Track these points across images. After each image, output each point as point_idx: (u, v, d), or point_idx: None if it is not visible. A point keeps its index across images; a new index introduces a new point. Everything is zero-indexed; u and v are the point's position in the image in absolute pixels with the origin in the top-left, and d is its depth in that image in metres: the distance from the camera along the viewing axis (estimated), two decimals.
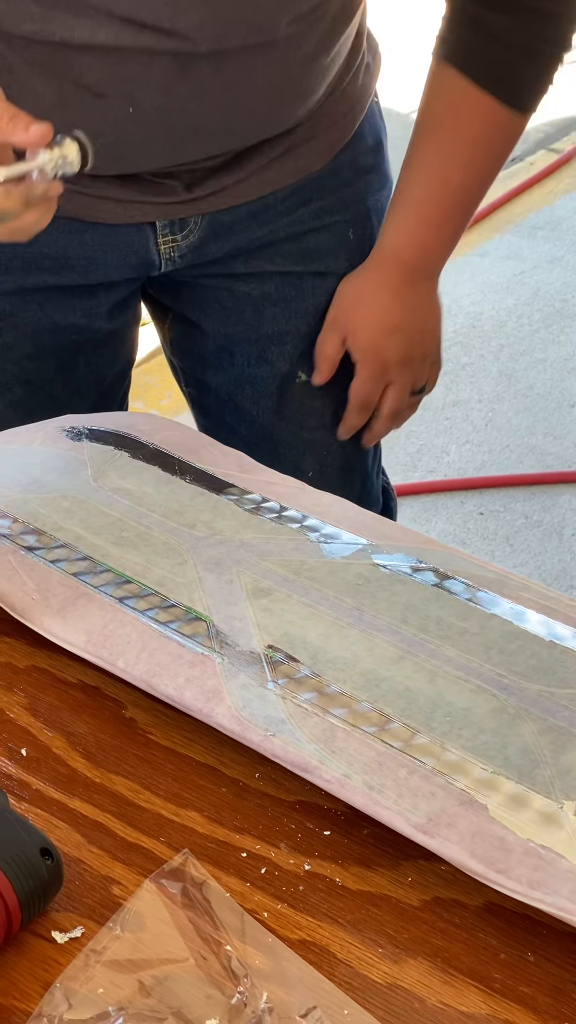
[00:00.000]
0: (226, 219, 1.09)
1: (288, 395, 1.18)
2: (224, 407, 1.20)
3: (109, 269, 1.09)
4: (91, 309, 1.11)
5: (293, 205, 1.11)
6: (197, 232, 1.09)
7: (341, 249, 1.15)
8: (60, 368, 1.13)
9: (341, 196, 1.13)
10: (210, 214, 1.08)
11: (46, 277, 1.07)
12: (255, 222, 1.10)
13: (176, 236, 1.08)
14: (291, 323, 1.15)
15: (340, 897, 0.68)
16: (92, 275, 1.08)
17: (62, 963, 0.64)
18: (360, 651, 0.76)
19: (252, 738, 0.73)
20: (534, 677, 0.74)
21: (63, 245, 1.06)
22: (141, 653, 0.77)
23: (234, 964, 0.63)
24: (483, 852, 0.66)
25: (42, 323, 1.10)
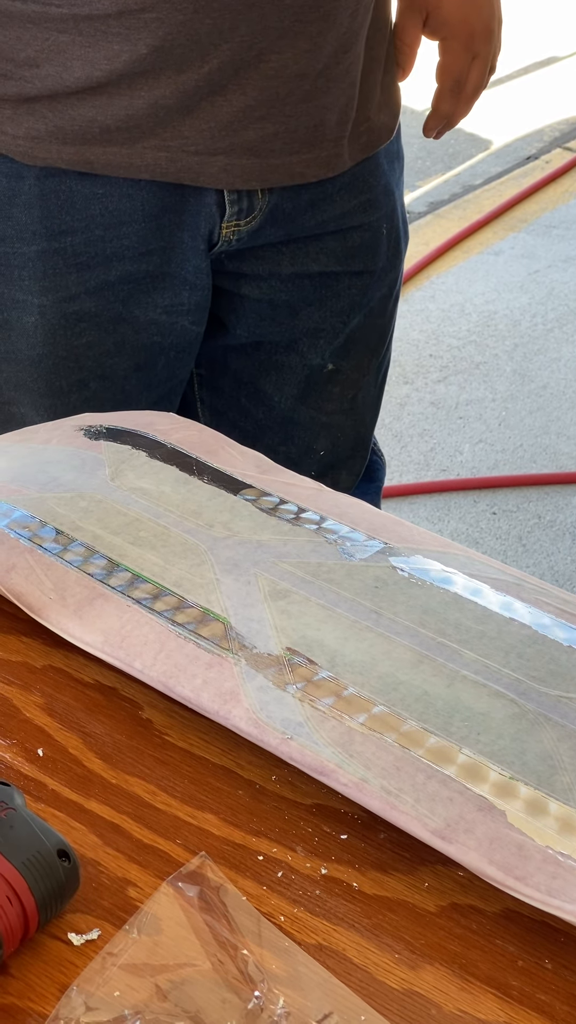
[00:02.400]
0: (288, 207, 1.10)
1: (313, 382, 1.18)
2: (242, 389, 1.21)
3: (187, 251, 1.09)
4: (172, 307, 1.11)
5: (345, 196, 1.12)
6: (259, 218, 1.10)
7: (378, 246, 1.16)
8: (138, 367, 1.13)
9: (383, 188, 1.15)
10: (274, 199, 1.09)
11: (127, 266, 1.08)
12: (312, 211, 1.11)
13: (240, 222, 1.09)
14: (326, 322, 1.16)
15: (357, 902, 0.68)
16: (174, 258, 1.09)
17: (79, 966, 0.64)
18: (378, 654, 0.76)
19: (269, 741, 0.73)
20: (552, 682, 0.74)
21: (142, 233, 1.07)
22: (158, 654, 0.77)
23: (251, 968, 0.63)
24: (501, 858, 0.66)
25: (124, 320, 1.10)
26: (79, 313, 1.09)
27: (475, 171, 3.40)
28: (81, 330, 1.10)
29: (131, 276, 1.09)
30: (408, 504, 2.27)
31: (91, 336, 1.10)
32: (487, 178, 3.36)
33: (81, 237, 1.06)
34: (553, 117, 3.64)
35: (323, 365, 1.18)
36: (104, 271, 1.08)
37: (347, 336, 1.17)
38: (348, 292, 1.16)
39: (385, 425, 2.46)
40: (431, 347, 2.65)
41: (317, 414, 1.20)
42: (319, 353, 1.17)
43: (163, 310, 1.11)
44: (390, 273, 1.21)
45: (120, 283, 1.09)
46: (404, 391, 2.55)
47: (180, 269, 1.10)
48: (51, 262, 1.07)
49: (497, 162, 3.44)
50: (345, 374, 1.19)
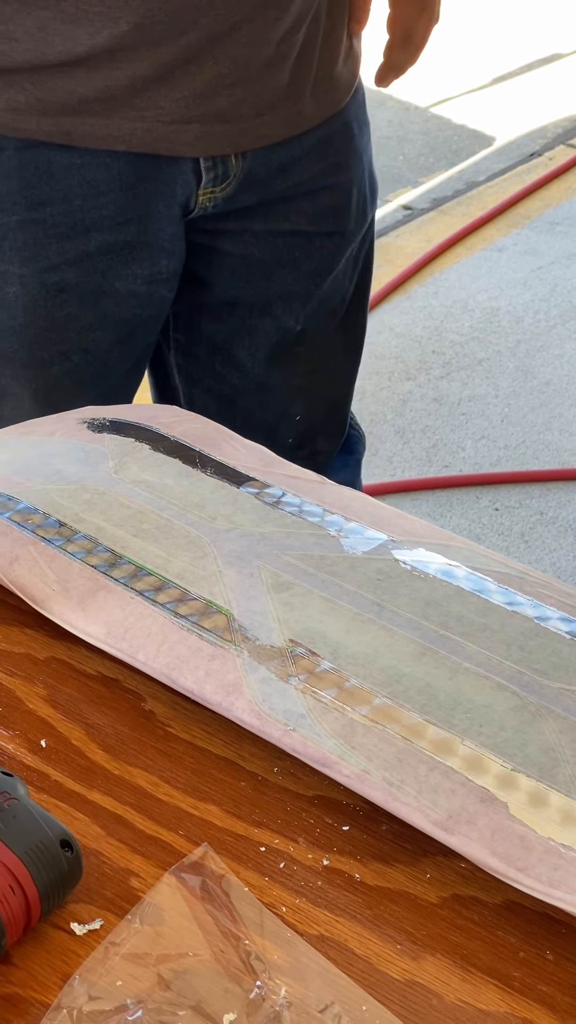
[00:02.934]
0: (260, 171, 1.13)
1: (284, 344, 1.22)
2: (216, 355, 1.23)
3: (162, 220, 1.12)
4: (151, 276, 1.13)
5: (314, 159, 1.16)
6: (234, 184, 1.12)
7: (348, 208, 1.21)
8: (119, 339, 1.15)
9: (352, 150, 1.20)
10: (247, 164, 1.11)
11: (105, 236, 1.10)
12: (283, 175, 1.15)
13: (215, 188, 1.12)
14: (299, 284, 1.20)
15: (358, 893, 0.68)
16: (150, 228, 1.11)
17: (81, 955, 0.64)
18: (380, 646, 0.76)
19: (271, 732, 0.73)
20: (555, 675, 0.74)
21: (119, 203, 1.09)
22: (161, 646, 0.77)
23: (253, 959, 0.63)
24: (503, 850, 0.66)
25: (105, 292, 1.12)
26: (60, 284, 1.11)
27: (478, 168, 3.39)
28: (62, 301, 1.12)
29: (110, 247, 1.10)
30: (410, 500, 2.27)
31: (72, 308, 1.12)
32: (490, 175, 3.35)
33: (60, 208, 1.08)
34: (557, 114, 3.64)
35: (293, 328, 1.22)
36: (83, 241, 1.10)
37: (321, 301, 1.21)
38: (320, 253, 1.20)
39: (387, 421, 2.46)
40: (434, 343, 2.65)
41: (288, 377, 1.24)
42: (292, 316, 1.21)
43: (142, 280, 1.13)
44: (357, 235, 1.25)
45: (99, 254, 1.11)
46: (407, 387, 2.55)
47: (156, 238, 1.12)
48: (31, 232, 1.08)
49: (500, 159, 3.44)
50: (313, 336, 1.23)
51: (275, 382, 1.24)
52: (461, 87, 3.79)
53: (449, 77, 3.80)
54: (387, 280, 2.82)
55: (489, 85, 3.81)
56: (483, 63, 3.88)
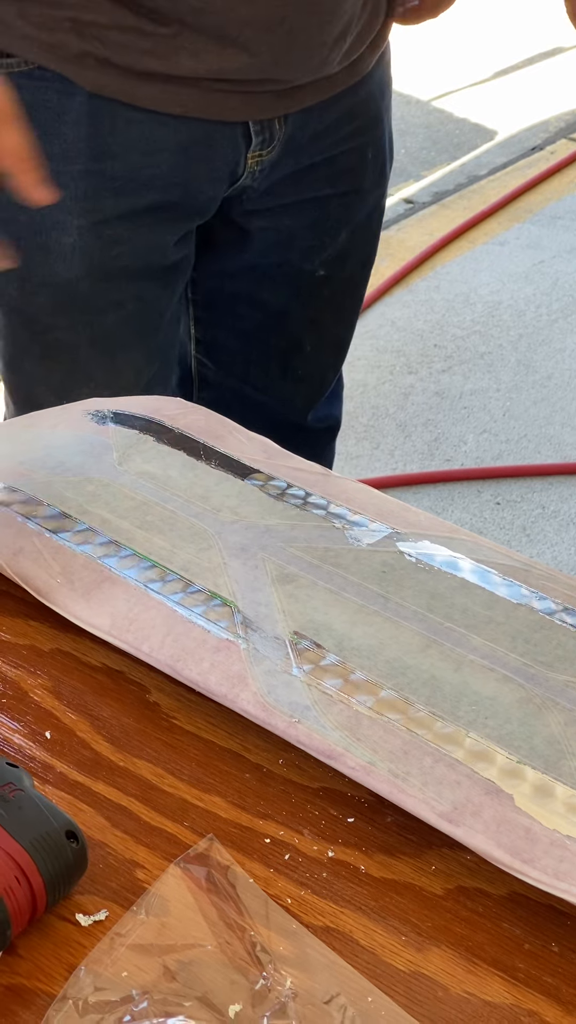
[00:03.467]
0: (299, 136, 1.18)
1: (304, 283, 1.29)
2: (238, 300, 1.30)
3: (204, 184, 1.16)
4: (187, 234, 1.19)
5: (340, 125, 1.20)
6: (278, 148, 1.17)
7: (361, 168, 1.26)
8: (164, 287, 1.21)
9: (372, 115, 1.24)
10: (288, 129, 1.16)
11: (156, 195, 1.14)
12: (313, 141, 1.19)
13: (263, 152, 1.16)
14: (317, 239, 1.26)
15: (363, 884, 0.68)
16: (192, 190, 1.16)
17: (86, 946, 0.64)
18: (385, 638, 0.76)
19: (276, 724, 0.73)
20: (559, 667, 0.74)
21: (171, 163, 1.13)
22: (166, 637, 0.77)
23: (258, 950, 0.63)
24: (508, 842, 0.66)
25: (151, 246, 1.17)
26: (114, 237, 1.15)
27: (480, 161, 3.39)
28: (117, 253, 1.16)
29: (158, 205, 1.15)
30: (412, 494, 2.27)
31: (126, 260, 1.17)
32: (492, 168, 3.35)
33: (120, 162, 1.13)
34: (558, 108, 3.63)
35: (314, 271, 1.28)
36: (137, 198, 1.14)
37: (339, 249, 1.27)
38: (336, 211, 1.26)
39: (389, 414, 2.45)
40: (436, 337, 2.65)
41: (306, 310, 1.31)
42: (310, 262, 1.28)
43: (179, 237, 1.19)
44: (375, 191, 1.30)
45: (147, 211, 1.15)
46: (408, 381, 2.55)
47: (195, 200, 1.17)
48: (91, 183, 1.13)
49: (502, 152, 3.44)
50: (337, 282, 1.30)
51: (294, 312, 1.31)
52: (463, 81, 3.78)
53: (451, 71, 3.79)
54: (389, 274, 2.82)
55: (491, 79, 3.81)
56: (485, 57, 3.88)
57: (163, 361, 1.25)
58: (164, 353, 1.25)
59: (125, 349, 1.21)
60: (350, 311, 1.39)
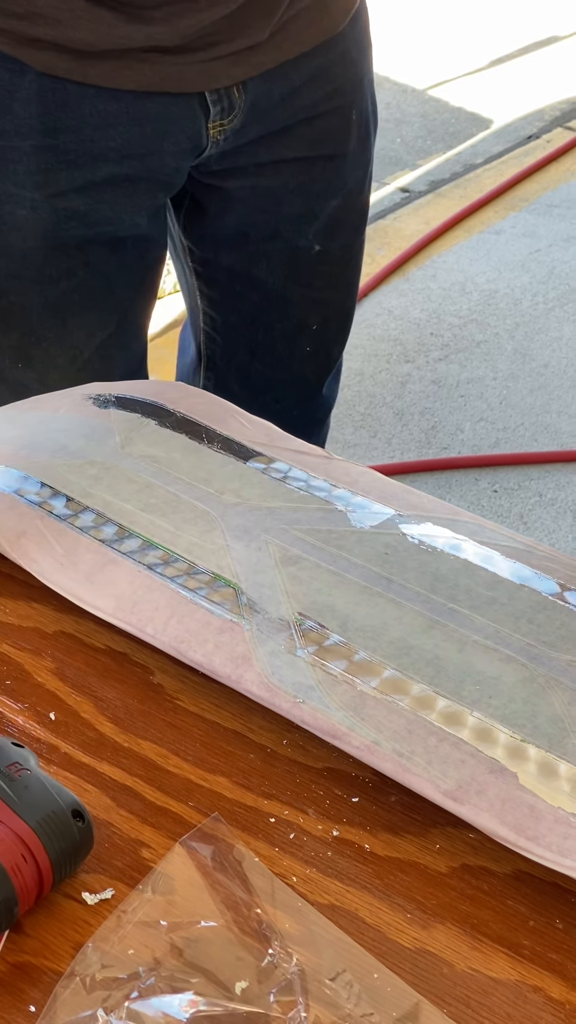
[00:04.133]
0: (263, 103, 1.18)
1: (302, 263, 1.29)
2: (236, 279, 1.31)
3: (166, 156, 1.17)
4: (152, 207, 1.20)
5: (313, 87, 1.21)
6: (240, 116, 1.17)
7: (347, 131, 1.26)
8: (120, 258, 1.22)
9: (350, 77, 1.24)
10: (250, 97, 1.16)
11: (112, 168, 1.15)
12: (284, 104, 1.19)
13: (224, 121, 1.17)
14: (307, 206, 1.26)
15: (368, 863, 0.68)
16: (152, 164, 1.17)
17: (93, 924, 0.64)
18: (389, 619, 0.76)
19: (281, 704, 0.73)
20: (563, 647, 0.74)
21: (126, 136, 1.14)
22: (170, 619, 0.77)
23: (264, 927, 0.64)
24: (513, 819, 0.66)
25: (109, 219, 1.18)
26: (68, 210, 1.16)
27: (476, 150, 3.39)
28: (70, 227, 1.17)
29: (115, 178, 1.16)
30: (410, 482, 2.27)
31: (79, 231, 1.18)
32: (488, 157, 3.35)
33: (73, 136, 1.13)
34: (554, 96, 3.63)
35: (309, 247, 1.28)
36: (91, 171, 1.15)
37: (328, 218, 1.27)
38: (323, 175, 1.26)
39: (386, 403, 2.46)
40: (432, 326, 2.65)
41: (308, 291, 1.31)
42: (303, 236, 1.27)
43: (143, 210, 1.20)
44: (361, 156, 1.30)
45: (104, 184, 1.16)
46: (405, 369, 2.55)
47: (158, 173, 1.18)
48: (44, 158, 1.13)
49: (498, 141, 3.43)
50: (333, 254, 1.30)
51: (295, 297, 1.31)
52: (459, 69, 3.78)
53: (447, 59, 3.79)
54: (385, 263, 2.82)
55: (487, 67, 3.80)
56: (481, 45, 3.87)
57: (120, 324, 1.27)
58: (120, 317, 1.26)
59: (76, 314, 1.23)
60: (350, 282, 1.39)
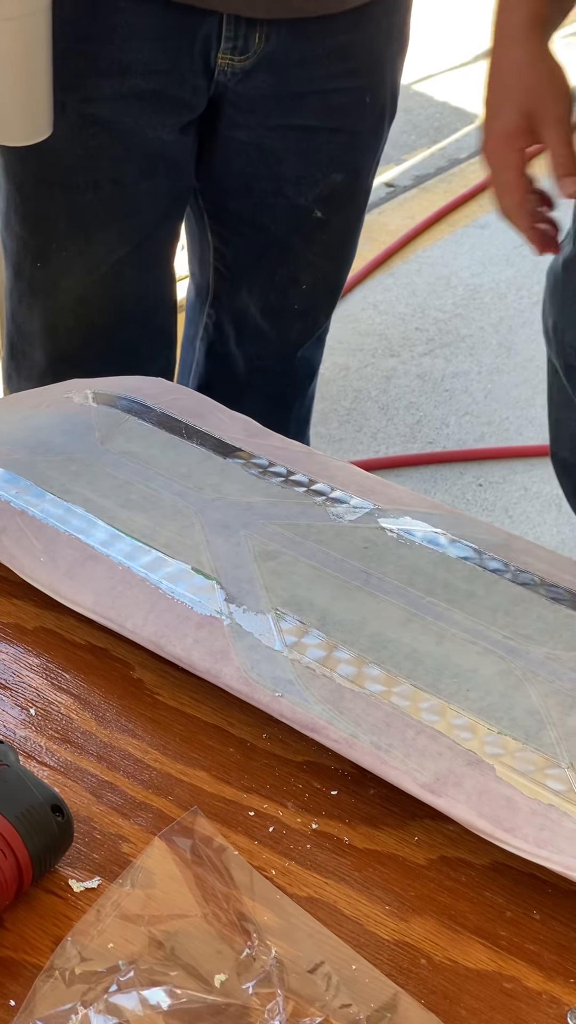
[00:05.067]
0: (281, 57, 1.23)
1: (303, 220, 1.34)
2: (242, 223, 1.37)
3: (187, 74, 1.23)
4: (176, 124, 1.25)
5: (333, 60, 1.24)
6: (252, 59, 1.22)
7: (357, 110, 1.29)
8: (146, 176, 1.27)
9: (372, 61, 1.28)
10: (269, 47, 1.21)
11: (137, 81, 1.21)
12: (299, 67, 1.24)
13: (234, 57, 1.22)
14: (307, 170, 1.31)
15: (347, 856, 0.69)
16: (174, 80, 1.23)
17: (72, 918, 0.65)
18: (367, 613, 0.76)
19: (260, 698, 0.73)
20: (540, 640, 0.75)
21: (152, 50, 1.21)
22: (149, 614, 0.78)
23: (243, 920, 0.64)
24: (490, 811, 0.66)
25: (134, 131, 1.24)
26: (95, 116, 1.22)
27: (461, 145, 3.39)
28: (95, 132, 1.23)
29: (141, 92, 1.22)
30: (394, 476, 2.27)
31: (105, 140, 1.24)
32: (472, 152, 3.35)
33: (102, 45, 1.20)
34: None
35: (311, 209, 1.33)
36: (119, 81, 1.21)
37: (332, 188, 1.32)
38: (327, 147, 1.30)
39: (371, 397, 2.46)
40: (417, 320, 2.65)
41: (305, 250, 1.37)
42: (303, 196, 1.32)
43: (168, 128, 1.25)
44: (372, 140, 1.35)
45: (132, 96, 1.22)
46: (390, 364, 2.55)
47: (181, 90, 1.23)
48: (74, 63, 1.20)
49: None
50: (334, 226, 1.36)
51: (295, 247, 1.37)
52: (443, 64, 3.78)
53: (431, 54, 3.79)
54: (370, 257, 2.82)
55: (471, 62, 3.80)
56: (465, 40, 3.88)
57: (140, 246, 1.31)
58: (142, 239, 1.31)
59: (99, 228, 1.27)
60: (344, 258, 1.45)
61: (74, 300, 1.32)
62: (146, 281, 1.35)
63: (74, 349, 1.35)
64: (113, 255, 1.30)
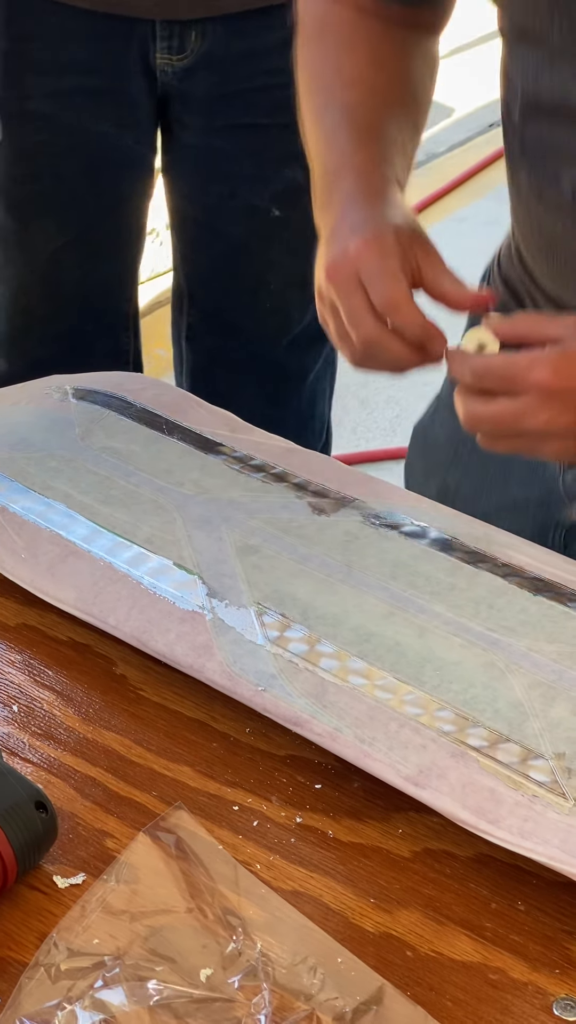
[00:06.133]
0: (219, 53, 1.25)
1: (260, 222, 1.36)
2: (200, 227, 1.39)
3: (128, 74, 1.26)
4: (120, 122, 1.28)
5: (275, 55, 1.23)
6: (191, 58, 1.25)
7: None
8: (87, 173, 1.30)
9: None
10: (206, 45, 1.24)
11: (79, 79, 1.25)
12: (241, 64, 1.26)
13: (172, 57, 1.25)
14: (261, 169, 1.33)
15: (332, 849, 0.69)
16: (115, 78, 1.26)
17: (57, 915, 0.64)
18: (350, 607, 0.76)
19: (243, 693, 0.73)
20: (522, 632, 0.75)
21: (90, 50, 1.24)
22: (131, 610, 0.77)
23: (228, 915, 0.64)
24: (474, 803, 0.67)
25: (76, 127, 1.27)
26: (35, 112, 1.26)
27: (438, 139, 3.39)
28: (37, 128, 1.26)
29: (82, 88, 1.25)
30: (375, 470, 2.26)
31: (46, 135, 1.27)
32: (450, 145, 3.35)
33: (40, 44, 1.23)
34: None
35: (268, 209, 1.35)
36: (58, 78, 1.24)
37: (287, 185, 1.32)
38: (279, 143, 1.29)
39: (351, 392, 2.46)
40: None
41: (267, 251, 1.38)
42: (259, 195, 1.34)
43: (112, 124, 1.27)
44: None
45: (73, 93, 1.25)
46: None
47: (126, 87, 1.26)
48: (12, 62, 1.24)
49: (460, 129, 3.44)
50: (295, 223, 1.34)
51: (255, 248, 1.38)
52: None
53: None
54: None
55: (448, 56, 3.80)
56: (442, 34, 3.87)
57: (80, 238, 1.33)
58: (80, 230, 1.33)
59: (40, 219, 1.31)
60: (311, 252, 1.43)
61: (14, 289, 1.35)
62: (87, 270, 1.37)
63: (16, 334, 1.37)
64: (51, 244, 1.32)
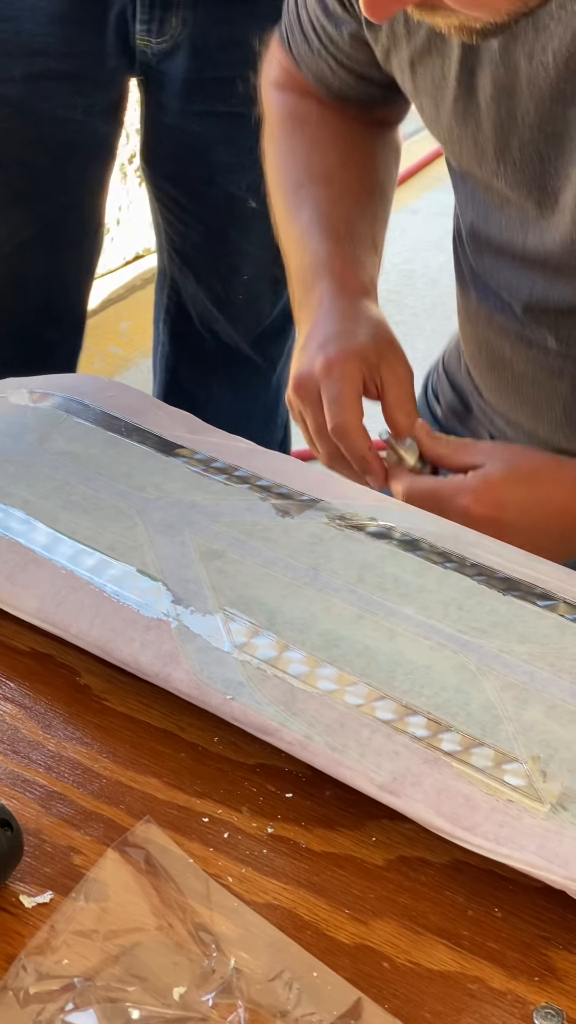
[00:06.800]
0: (199, 39, 1.26)
1: (237, 213, 1.37)
2: (183, 210, 1.39)
3: (103, 57, 1.26)
4: (90, 107, 1.27)
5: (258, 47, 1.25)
6: (170, 42, 1.25)
7: None
8: (55, 160, 1.30)
9: None
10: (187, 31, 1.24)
11: (50, 63, 1.23)
12: (221, 52, 1.27)
13: (151, 39, 1.25)
14: (237, 157, 1.33)
15: (304, 859, 0.68)
16: (89, 62, 1.25)
17: (25, 936, 0.63)
18: (318, 611, 0.75)
19: (211, 702, 0.72)
20: (493, 633, 0.74)
21: (63, 35, 1.23)
22: (95, 619, 0.76)
23: (201, 931, 0.63)
24: (449, 809, 0.65)
25: (46, 113, 1.26)
26: (5, 97, 1.24)
27: None
28: (5, 114, 1.25)
29: (53, 73, 1.23)
30: None
31: (14, 122, 1.26)
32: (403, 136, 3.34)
33: (11, 27, 1.21)
34: None
35: (244, 199, 1.35)
36: (29, 62, 1.23)
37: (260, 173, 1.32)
38: (256, 133, 1.30)
39: None
40: None
41: (242, 240, 1.39)
42: (236, 184, 1.34)
43: (81, 110, 1.27)
44: None
45: (44, 78, 1.23)
46: None
47: (97, 72, 1.26)
48: None
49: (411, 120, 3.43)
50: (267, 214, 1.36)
51: (233, 237, 1.39)
52: None
53: None
54: None
55: None
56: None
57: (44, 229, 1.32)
58: (46, 222, 1.32)
59: (6, 209, 1.31)
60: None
61: None
62: (51, 264, 1.36)
63: None
64: (16, 237, 1.31)
